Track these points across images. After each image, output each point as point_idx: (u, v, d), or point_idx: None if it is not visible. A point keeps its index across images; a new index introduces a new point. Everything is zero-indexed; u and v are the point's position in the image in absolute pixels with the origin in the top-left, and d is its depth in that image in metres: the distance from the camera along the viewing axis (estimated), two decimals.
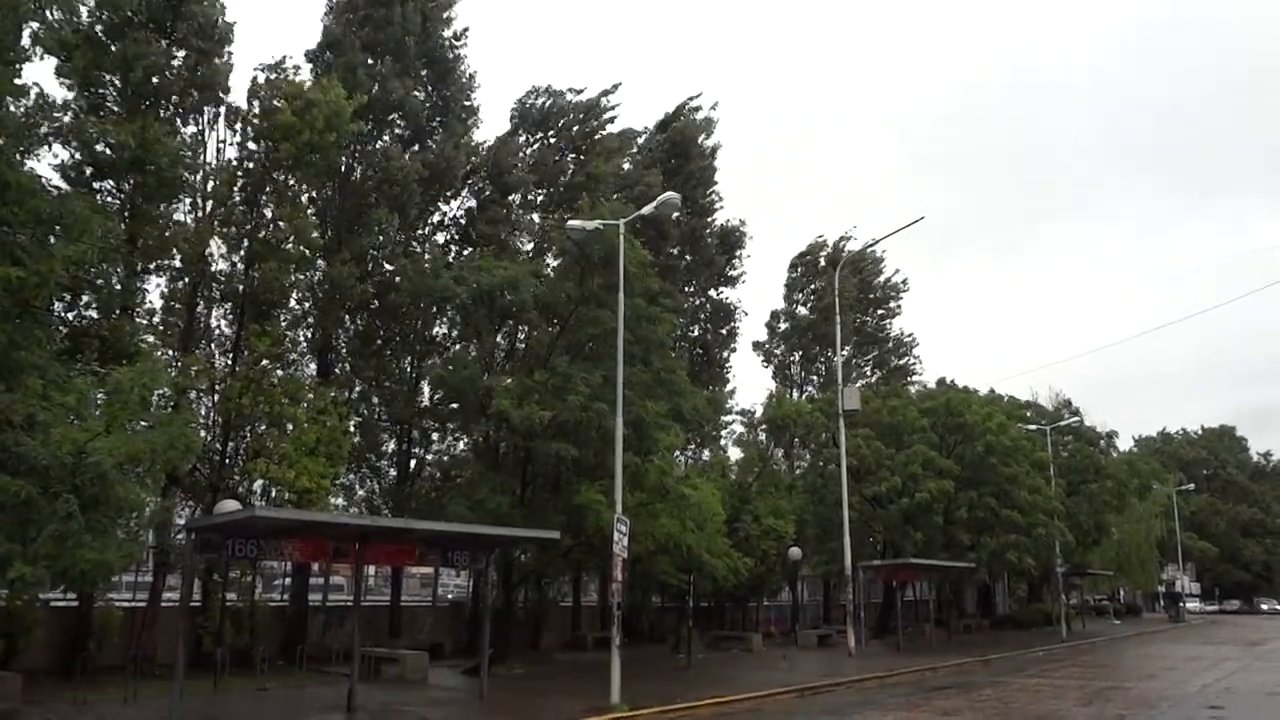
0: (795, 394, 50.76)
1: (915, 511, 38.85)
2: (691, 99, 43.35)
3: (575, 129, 36.80)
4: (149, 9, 22.32)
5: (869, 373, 54.74)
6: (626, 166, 39.14)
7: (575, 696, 19.61)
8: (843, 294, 39.70)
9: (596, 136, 37.04)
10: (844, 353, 37.93)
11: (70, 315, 18.90)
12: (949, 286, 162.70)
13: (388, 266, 29.68)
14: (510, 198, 33.72)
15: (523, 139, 36.07)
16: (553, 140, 36.53)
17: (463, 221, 33.91)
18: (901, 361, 55.76)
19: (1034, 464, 43.58)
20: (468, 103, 33.10)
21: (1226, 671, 27.74)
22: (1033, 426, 48.04)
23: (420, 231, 32.90)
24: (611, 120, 37.77)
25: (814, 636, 37.52)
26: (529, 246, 32.46)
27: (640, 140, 41.14)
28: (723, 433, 44.88)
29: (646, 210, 22.48)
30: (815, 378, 53.35)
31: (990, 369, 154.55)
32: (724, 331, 45.22)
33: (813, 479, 42.88)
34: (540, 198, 35.66)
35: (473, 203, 33.89)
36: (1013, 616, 57.70)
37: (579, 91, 37.04)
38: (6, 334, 13.18)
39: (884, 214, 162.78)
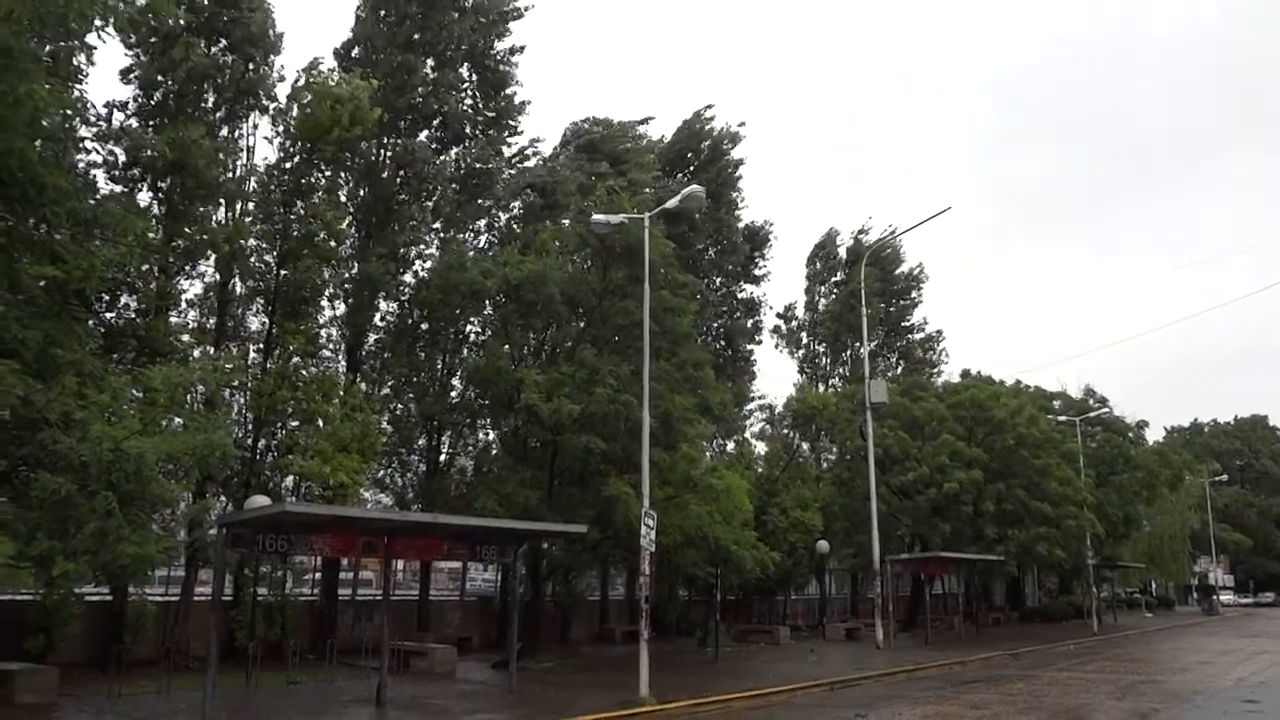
0: (821, 386, 50.67)
1: (943, 503, 38.65)
2: (708, 108, 44.79)
3: (609, 146, 37.27)
4: (200, 16, 22.65)
5: (894, 362, 54.50)
6: (655, 174, 39.46)
7: (604, 690, 19.67)
8: (865, 285, 39.57)
9: (628, 149, 37.74)
10: (870, 345, 37.73)
11: (109, 314, 19.14)
12: (978, 274, 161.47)
13: (420, 265, 29.90)
14: (554, 210, 33.88)
15: (567, 155, 36.30)
16: (590, 159, 36.83)
17: (512, 228, 34.05)
18: (926, 354, 55.51)
19: (1063, 455, 43.21)
20: (518, 115, 33.19)
21: (1262, 665, 27.44)
22: (1062, 417, 47.66)
23: (461, 234, 32.94)
24: (642, 136, 38.86)
25: (842, 630, 37.44)
26: (558, 244, 32.54)
27: (659, 143, 41.47)
28: (747, 424, 44.95)
29: (671, 204, 22.48)
30: (841, 369, 53.23)
31: (1017, 358, 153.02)
32: (749, 325, 45.29)
33: (840, 471, 42.78)
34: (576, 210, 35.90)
35: (519, 212, 34.05)
36: (1042, 610, 57.28)
37: (643, 122, 38.07)
38: (44, 332, 13.38)
39: (905, 202, 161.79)
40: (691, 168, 41.66)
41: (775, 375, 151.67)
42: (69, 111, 16.32)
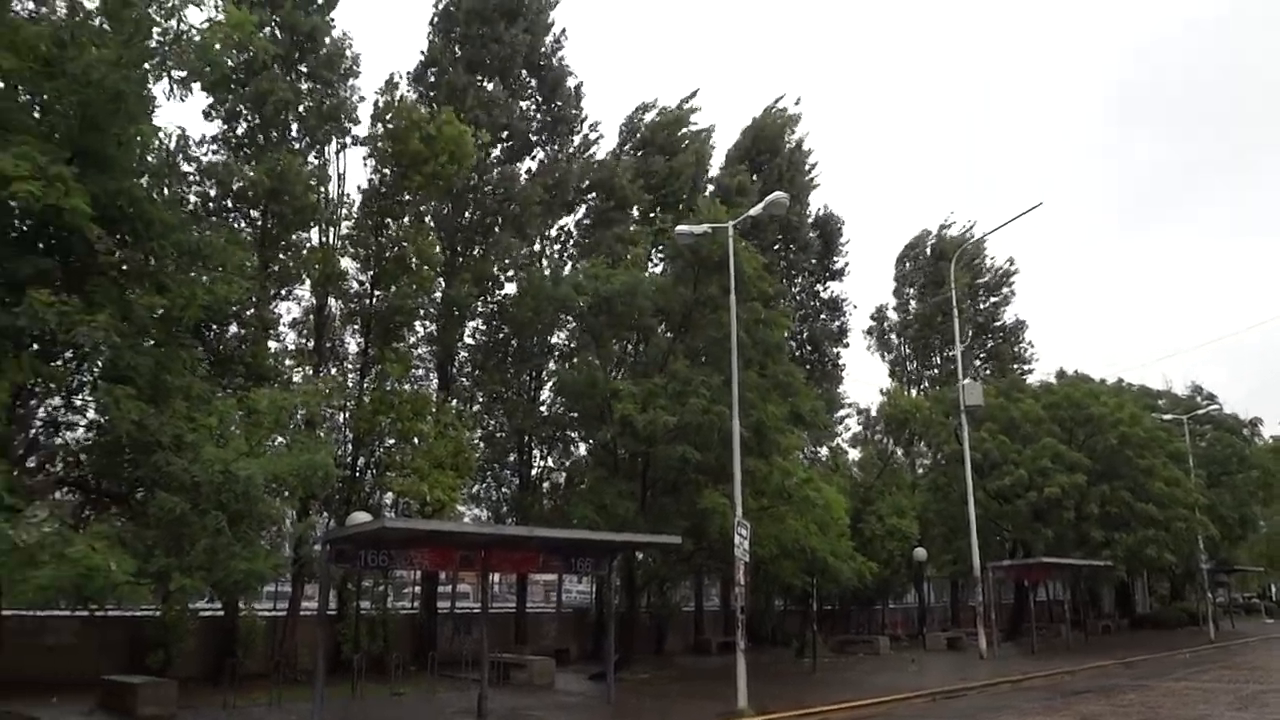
0: (913, 390, 49.83)
1: (1045, 507, 37.55)
2: (778, 100, 43.89)
3: (664, 134, 37.28)
4: (282, 46, 23.50)
5: (984, 360, 53.19)
6: (716, 170, 39.42)
7: (702, 701, 19.65)
8: (961, 283, 38.80)
9: (682, 138, 37.62)
10: (959, 344, 36.91)
11: (216, 341, 19.93)
12: (1070, 268, 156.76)
13: (509, 286, 30.43)
14: (623, 210, 34.11)
15: (628, 152, 36.48)
16: (649, 153, 36.97)
17: (576, 234, 34.53)
18: (1016, 349, 54.01)
19: (1170, 455, 41.59)
20: (575, 111, 33.60)
21: None
22: (1167, 416, 45.96)
23: (538, 247, 33.50)
24: (692, 120, 38.37)
25: (943, 639, 36.67)
26: (630, 256, 32.81)
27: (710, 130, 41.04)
28: (838, 429, 44.36)
29: (755, 211, 22.41)
30: (932, 372, 52.25)
31: (1116, 357, 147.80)
32: (834, 327, 44.69)
33: (935, 476, 41.96)
34: (639, 208, 36.07)
35: (582, 215, 34.44)
36: (1154, 616, 55.15)
37: (679, 107, 37.68)
38: (155, 358, 14.01)
39: (989, 194, 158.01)
40: (763, 166, 41.30)
41: (864, 379, 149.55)
42: (171, 148, 17.08)
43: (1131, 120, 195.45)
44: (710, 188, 37.44)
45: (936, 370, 52.08)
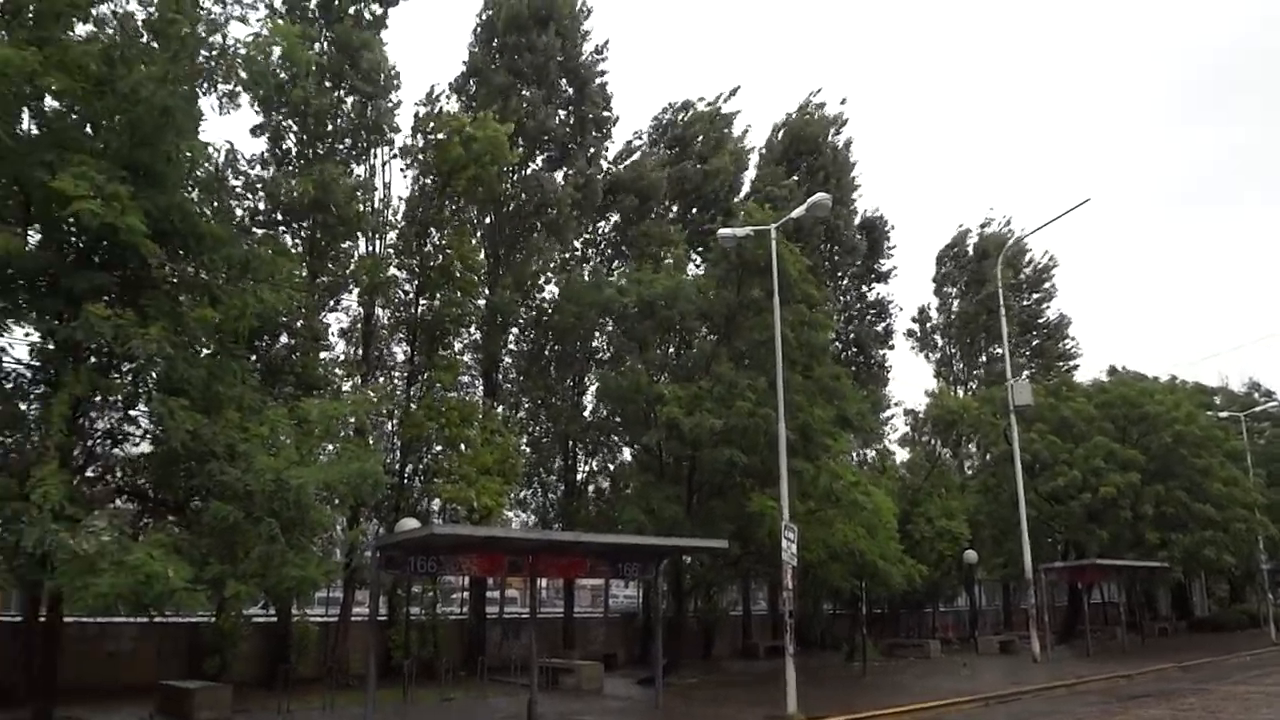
0: (959, 390, 49.26)
1: (1098, 508, 36.90)
2: (812, 95, 43.45)
3: (700, 139, 37.24)
4: (332, 61, 23.92)
5: (1028, 357, 52.32)
6: (753, 171, 39.28)
7: (751, 706, 19.58)
8: (994, 281, 38.31)
9: (718, 139, 37.55)
10: (1007, 343, 36.38)
11: (267, 351, 20.28)
12: (1118, 264, 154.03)
13: (550, 290, 30.61)
14: (654, 212, 34.17)
15: (659, 154, 36.53)
16: (679, 152, 36.97)
17: (614, 238, 34.67)
18: (1062, 346, 53.09)
19: (1227, 454, 40.71)
20: (606, 113, 33.73)
21: None
22: (1224, 413, 44.98)
23: (573, 255, 33.69)
24: (730, 121, 38.31)
25: (995, 643, 36.19)
26: (669, 260, 32.84)
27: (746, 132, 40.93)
28: (885, 431, 43.96)
29: (797, 213, 22.33)
30: (978, 371, 51.61)
31: (1169, 353, 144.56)
32: (880, 329, 44.35)
33: (985, 478, 41.44)
34: (676, 209, 36.07)
35: (617, 218, 34.55)
36: (1212, 619, 53.91)
37: (713, 102, 37.62)
38: (207, 369, 14.28)
39: (1026, 188, 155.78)
40: (803, 166, 41.11)
41: (910, 380, 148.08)
42: (220, 163, 17.46)
43: (1180, 114, 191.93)
44: (745, 187, 37.39)
45: (982, 370, 51.42)
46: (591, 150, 32.47)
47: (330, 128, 24.16)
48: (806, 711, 17.52)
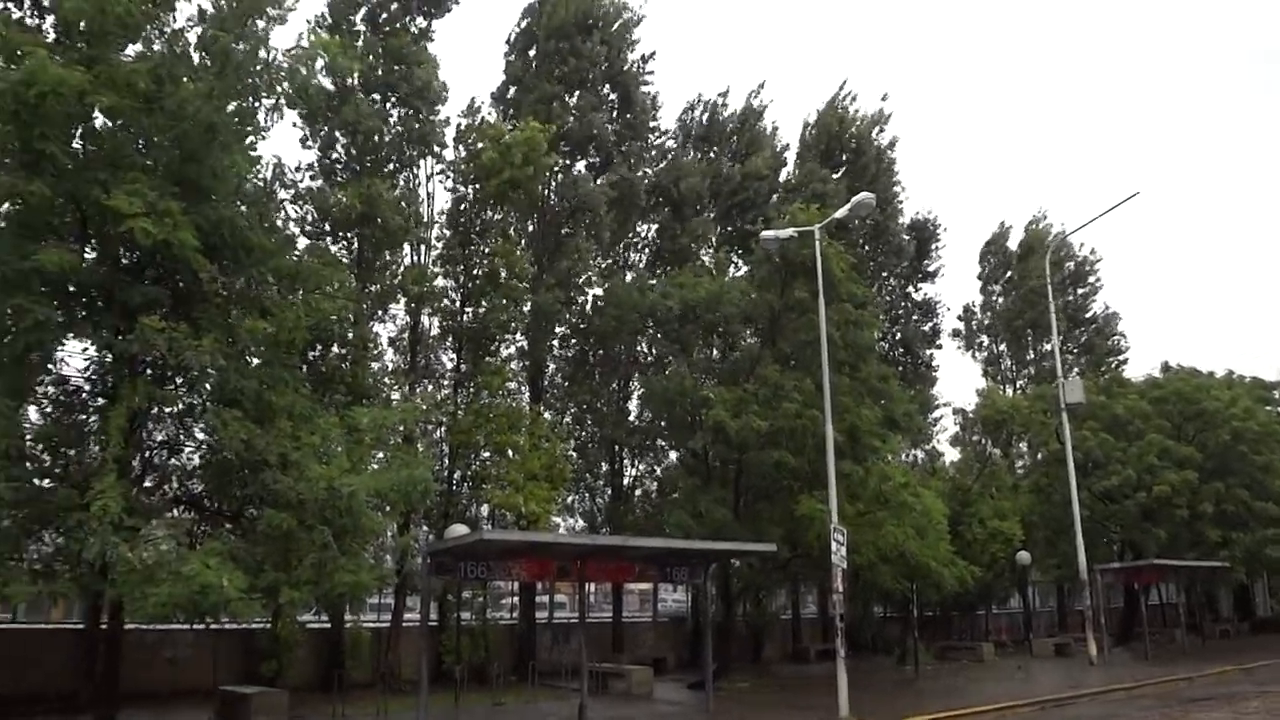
0: (1008, 389, 48.57)
1: (1154, 507, 36.17)
2: (841, 89, 43.21)
3: (735, 139, 37.10)
4: (378, 75, 24.27)
5: (1076, 354, 51.36)
6: (789, 170, 39.10)
7: (802, 710, 19.48)
8: (1041, 278, 37.75)
9: (754, 138, 37.51)
10: (1057, 340, 35.82)
11: (319, 362, 20.59)
12: (1177, 259, 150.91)
13: (593, 292, 30.76)
14: (692, 218, 34.19)
15: (690, 155, 36.54)
16: (716, 153, 36.89)
17: (657, 240, 34.72)
18: (1111, 341, 52.08)
19: None
20: (652, 123, 33.84)
21: None
22: None
23: (615, 260, 33.78)
24: (760, 117, 38.23)
25: (1050, 645, 35.62)
26: (709, 259, 32.75)
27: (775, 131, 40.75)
28: (934, 430, 43.47)
29: (841, 213, 22.23)
30: (1027, 370, 50.83)
31: (1226, 347, 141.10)
32: (927, 329, 43.86)
33: (1037, 477, 40.80)
34: (714, 210, 36.04)
35: (658, 223, 34.62)
36: (1276, 620, 52.57)
37: (730, 97, 37.92)
38: (259, 379, 14.55)
39: (1067, 182, 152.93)
40: (845, 165, 40.87)
41: (958, 379, 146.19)
42: (267, 176, 17.80)
43: (1217, 100, 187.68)
44: (781, 186, 37.27)
45: (1031, 367, 50.65)
46: (633, 159, 32.51)
47: (378, 140, 24.46)
48: (859, 715, 17.41)
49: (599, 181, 30.39)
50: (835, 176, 38.67)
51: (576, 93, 30.85)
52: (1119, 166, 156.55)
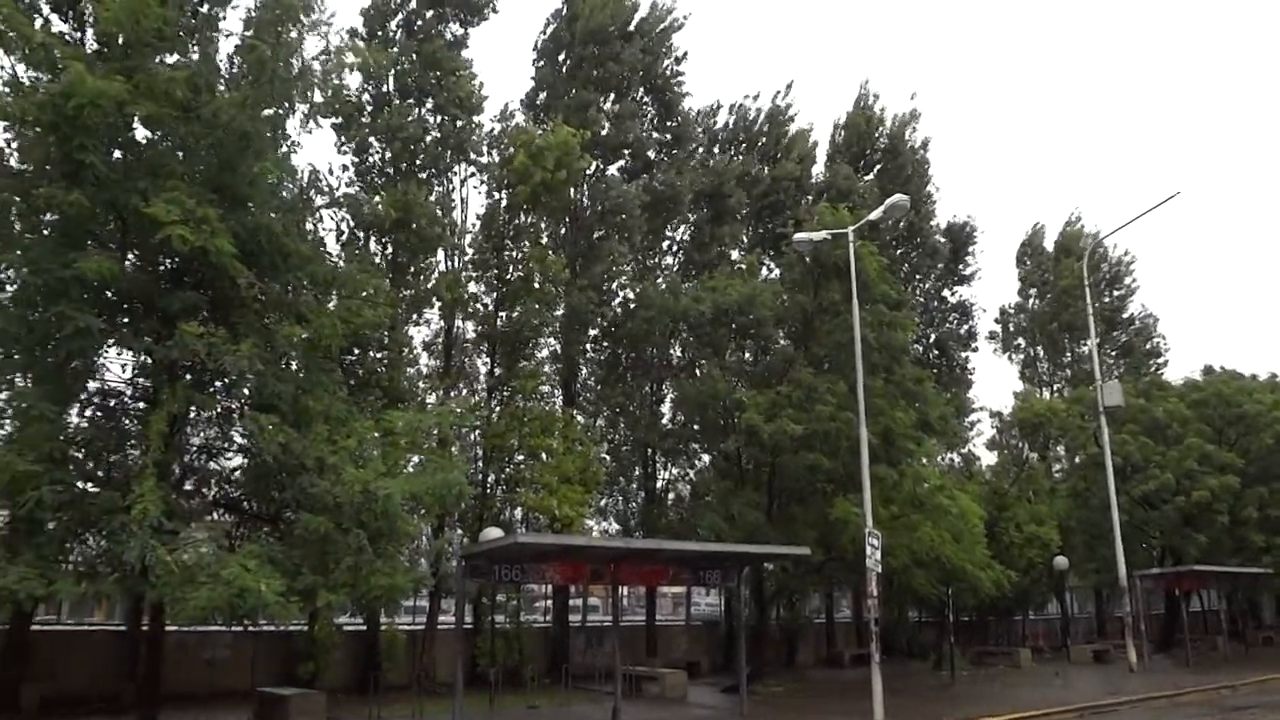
0: (1045, 392, 48.05)
1: (1194, 512, 35.61)
2: (863, 87, 43.12)
3: (762, 141, 36.98)
4: (414, 82, 24.48)
5: (1115, 356, 50.66)
6: (820, 170, 38.99)
7: (837, 715, 19.39)
8: (1077, 278, 37.24)
9: (783, 141, 37.49)
10: (1094, 342, 35.37)
11: (357, 366, 20.80)
12: (1220, 259, 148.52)
13: (626, 294, 30.79)
14: (732, 223, 34.16)
15: (718, 157, 36.50)
16: (744, 155, 36.83)
17: (687, 241, 34.75)
18: (1150, 344, 51.33)
19: None
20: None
21: None
22: None
23: (651, 261, 33.86)
24: (789, 117, 38.27)
25: (1088, 651, 35.17)
26: (738, 259, 32.69)
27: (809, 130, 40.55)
28: (970, 434, 43.10)
29: (875, 215, 22.07)
30: (1064, 372, 50.24)
31: (1272, 349, 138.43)
32: (962, 331, 43.51)
33: (1074, 481, 40.30)
34: (745, 211, 36.04)
35: (693, 227, 34.64)
36: None
37: (782, 104, 37.74)
38: (296, 384, 14.71)
39: (1099, 181, 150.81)
40: (875, 167, 40.67)
41: (994, 383, 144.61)
42: (304, 184, 18.03)
43: (1258, 96, 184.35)
44: (812, 188, 37.16)
45: (1069, 370, 50.07)
46: (678, 168, 32.49)
47: (415, 147, 24.67)
48: None
49: (633, 185, 30.42)
50: (868, 178, 38.53)
51: (611, 95, 30.90)
52: (1154, 164, 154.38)
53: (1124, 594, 30.39)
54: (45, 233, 13.86)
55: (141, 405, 14.77)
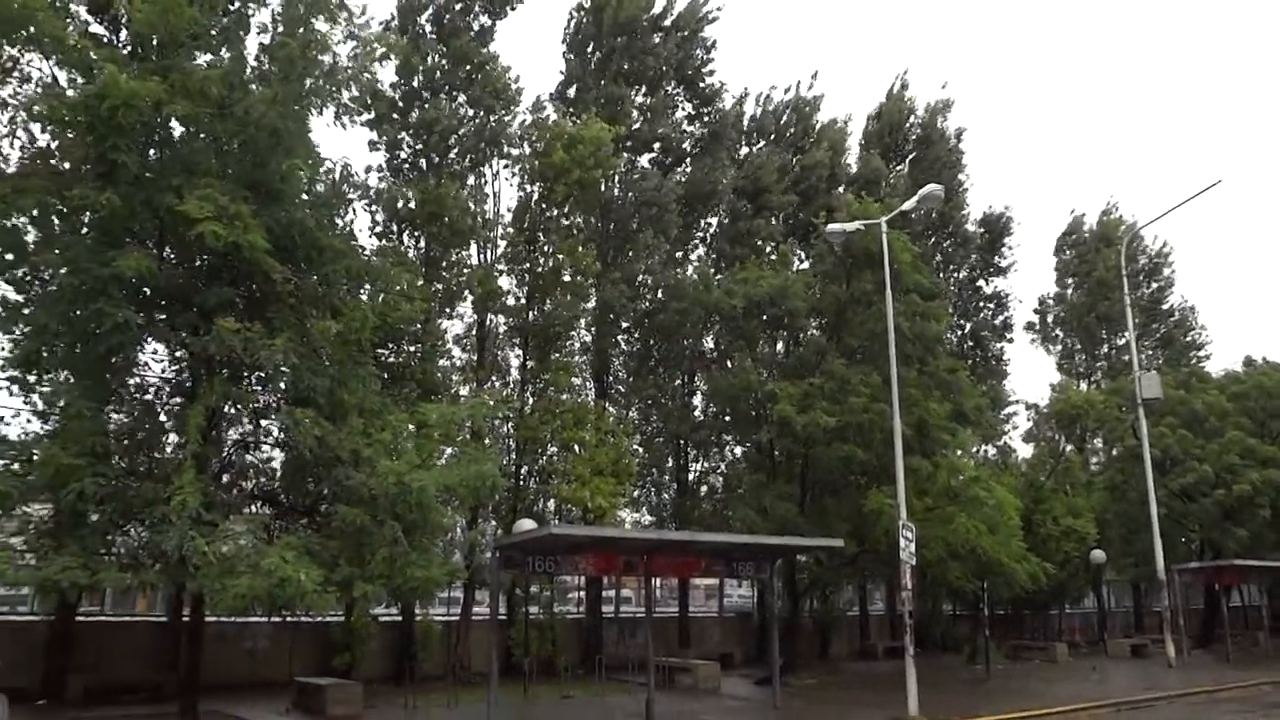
0: (1083, 384, 47.48)
1: (1235, 506, 35.09)
2: (899, 77, 42.63)
3: (791, 131, 36.92)
4: (442, 76, 24.60)
5: (1155, 348, 49.88)
6: (853, 160, 38.68)
7: (870, 708, 19.31)
8: (1112, 269, 36.69)
9: (811, 132, 37.27)
10: (1132, 334, 34.92)
11: (391, 359, 20.99)
12: (1261, 247, 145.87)
13: (656, 286, 30.81)
14: (771, 215, 34.03)
15: (755, 149, 36.35)
16: (774, 145, 36.66)
17: (718, 233, 34.69)
18: (1190, 335, 50.50)
19: None
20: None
21: None
22: None
23: (682, 253, 33.82)
24: (817, 107, 37.92)
25: (1126, 646, 34.75)
26: (776, 255, 32.54)
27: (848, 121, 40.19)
28: (1006, 426, 42.67)
29: (908, 205, 21.93)
30: (1101, 364, 49.58)
31: None
32: (998, 322, 43.08)
33: (1112, 474, 39.83)
34: (777, 203, 35.92)
35: (725, 218, 34.54)
36: None
37: (812, 95, 37.62)
38: (331, 378, 14.86)
39: (1135, 169, 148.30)
40: (908, 157, 40.31)
41: (1031, 374, 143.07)
42: (336, 179, 18.16)
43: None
44: (845, 178, 36.91)
45: (1105, 362, 49.41)
46: (711, 160, 32.37)
47: (449, 141, 24.78)
48: (928, 714, 17.20)
49: (668, 179, 30.37)
50: (901, 168, 38.22)
51: (643, 88, 30.86)
52: (1194, 152, 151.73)
53: (1162, 588, 30.04)
54: (84, 232, 14.07)
55: (179, 400, 14.99)
